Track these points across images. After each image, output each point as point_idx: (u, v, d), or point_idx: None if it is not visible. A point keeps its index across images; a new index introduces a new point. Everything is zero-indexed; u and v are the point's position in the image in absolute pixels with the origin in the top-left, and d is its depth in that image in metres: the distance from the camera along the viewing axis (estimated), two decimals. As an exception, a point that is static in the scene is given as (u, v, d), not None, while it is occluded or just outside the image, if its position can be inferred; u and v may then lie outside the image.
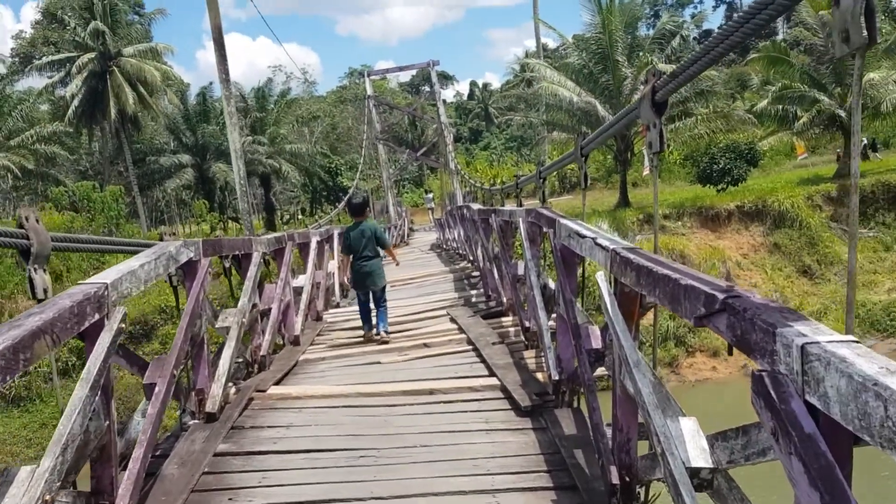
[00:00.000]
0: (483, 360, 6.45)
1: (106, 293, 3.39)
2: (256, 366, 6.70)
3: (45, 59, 47.16)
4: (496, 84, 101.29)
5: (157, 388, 4.12)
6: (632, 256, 3.16)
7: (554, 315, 6.05)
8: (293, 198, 67.66)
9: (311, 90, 79.13)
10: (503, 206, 12.91)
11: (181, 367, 4.54)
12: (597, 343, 4.27)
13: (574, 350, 5.11)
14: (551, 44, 50.05)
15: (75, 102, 42.93)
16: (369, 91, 40.95)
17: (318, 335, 8.89)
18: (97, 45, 43.52)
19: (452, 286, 12.29)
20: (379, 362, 7.04)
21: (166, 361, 4.31)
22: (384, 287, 8.47)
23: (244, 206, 13.93)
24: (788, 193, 25.63)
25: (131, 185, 47.60)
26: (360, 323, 8.79)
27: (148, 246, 4.72)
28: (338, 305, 11.64)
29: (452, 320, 8.64)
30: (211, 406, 5.05)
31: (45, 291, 3.54)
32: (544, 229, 6.44)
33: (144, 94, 45.47)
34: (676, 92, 3.55)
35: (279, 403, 5.61)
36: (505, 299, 8.46)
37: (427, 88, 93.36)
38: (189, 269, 5.09)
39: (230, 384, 5.73)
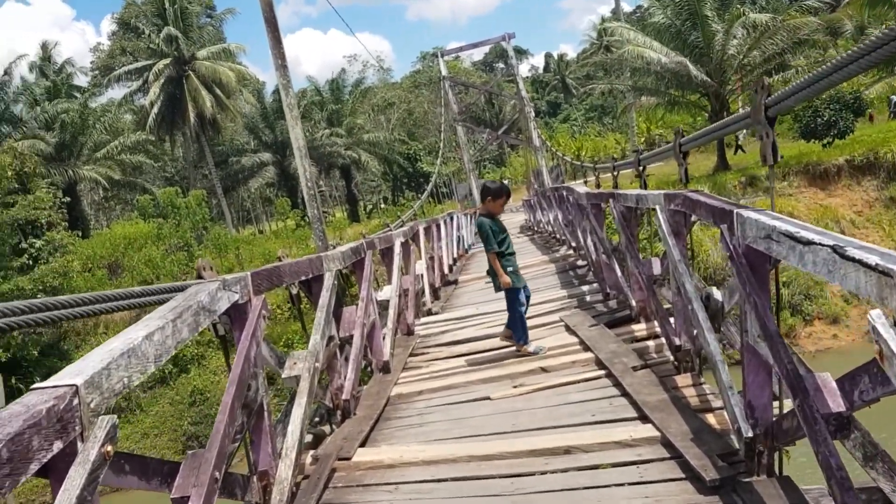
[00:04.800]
0: (625, 394, 4.97)
1: (76, 404, 2.09)
2: (339, 412, 5.42)
3: (123, 69, 47.52)
4: (572, 54, 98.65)
5: (190, 505, 2.84)
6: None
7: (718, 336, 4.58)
8: (375, 187, 67.30)
9: (387, 77, 78.48)
10: (603, 182, 11.30)
11: (226, 461, 3.23)
12: (837, 405, 2.76)
13: (770, 398, 3.64)
14: (626, 7, 47.69)
15: (155, 110, 43.17)
16: (444, 72, 39.53)
17: (410, 355, 7.55)
18: (171, 50, 43.55)
19: (557, 280, 10.78)
20: (489, 398, 5.63)
21: (204, 459, 3.02)
22: (505, 291, 6.70)
23: (314, 213, 11.73)
24: (903, 142, 23.32)
25: (215, 187, 47.72)
26: (458, 337, 7.71)
27: (179, 290, 3.45)
28: (430, 312, 10.29)
29: (569, 329, 7.15)
30: (279, 496, 3.75)
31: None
32: (692, 219, 4.96)
33: (221, 96, 45.49)
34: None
35: (369, 477, 4.27)
36: (634, 302, 6.90)
37: (501, 65, 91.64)
38: (237, 313, 3.81)
39: (305, 452, 4.46)
